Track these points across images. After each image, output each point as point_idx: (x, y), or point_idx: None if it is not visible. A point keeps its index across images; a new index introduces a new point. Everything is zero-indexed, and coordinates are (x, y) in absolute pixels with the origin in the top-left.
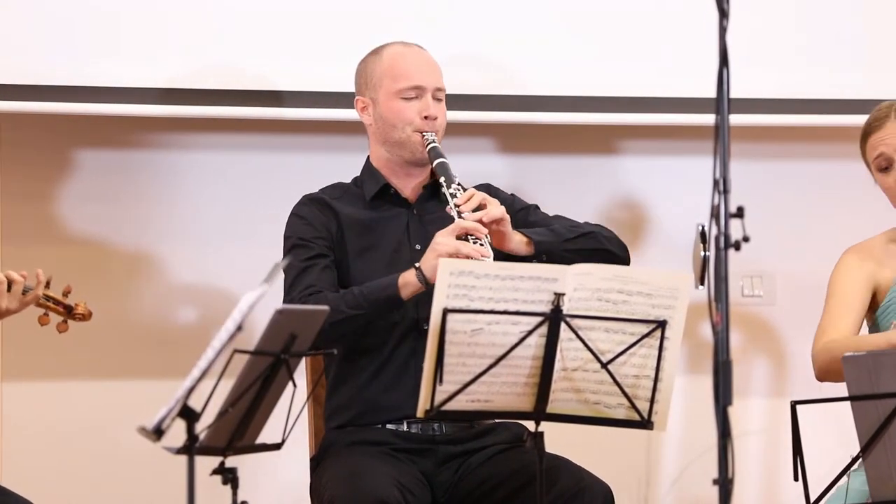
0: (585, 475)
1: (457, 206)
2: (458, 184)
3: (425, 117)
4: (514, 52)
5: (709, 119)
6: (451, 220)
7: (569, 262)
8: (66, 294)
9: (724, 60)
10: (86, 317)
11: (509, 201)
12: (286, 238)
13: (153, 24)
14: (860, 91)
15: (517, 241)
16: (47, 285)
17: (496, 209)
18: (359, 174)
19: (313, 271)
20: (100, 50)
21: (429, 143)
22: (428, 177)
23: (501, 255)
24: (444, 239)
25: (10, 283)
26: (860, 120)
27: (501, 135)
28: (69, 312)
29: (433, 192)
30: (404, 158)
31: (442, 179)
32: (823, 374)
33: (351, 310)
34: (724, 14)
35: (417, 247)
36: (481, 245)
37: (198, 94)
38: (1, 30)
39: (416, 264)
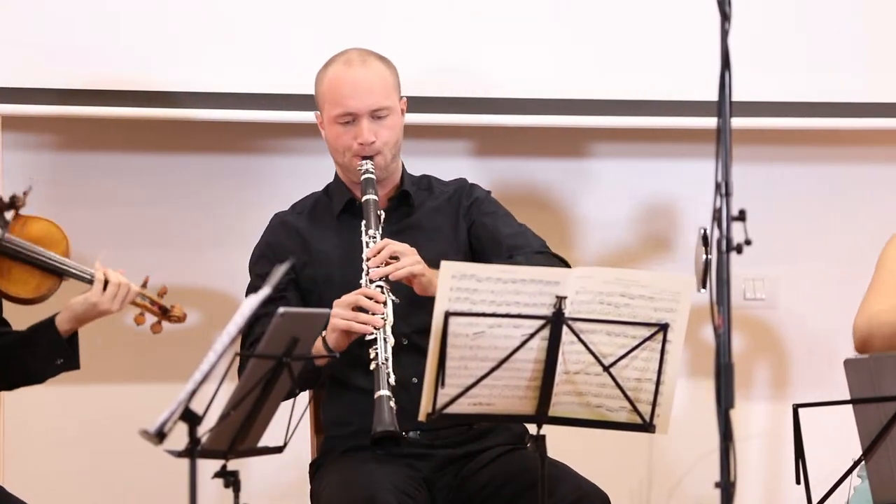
0: (583, 483)
1: (366, 258)
2: (380, 228)
3: (360, 143)
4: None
5: (711, 122)
6: (418, 232)
7: None
8: (161, 295)
9: (725, 63)
10: (181, 319)
11: (477, 204)
12: (250, 267)
13: (155, 27)
14: (862, 94)
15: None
16: (144, 285)
17: (403, 269)
18: (332, 180)
19: (264, 321)
20: (99, 52)
21: (363, 174)
22: (393, 189)
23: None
24: (340, 311)
25: (106, 283)
26: (862, 123)
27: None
28: (164, 314)
29: (401, 201)
30: (352, 180)
31: (363, 223)
32: (862, 345)
33: None
34: (725, 17)
35: None
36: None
37: (200, 97)
38: (15, 34)
39: (323, 333)
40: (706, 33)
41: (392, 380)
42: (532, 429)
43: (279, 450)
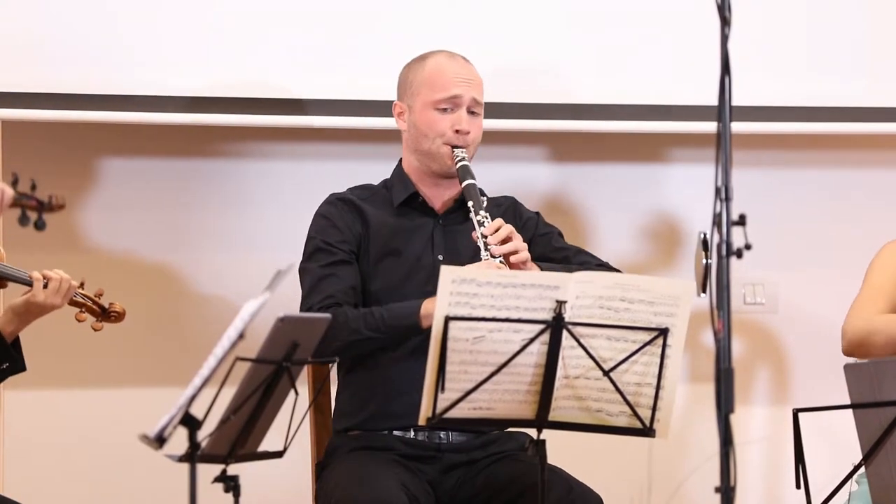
0: (575, 484)
1: (483, 235)
2: (486, 209)
3: (457, 131)
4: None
5: (710, 127)
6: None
7: None
8: (97, 296)
9: (725, 68)
10: (121, 316)
11: (533, 220)
12: (310, 238)
13: (175, 33)
14: (863, 99)
15: None
16: (81, 286)
17: (524, 252)
18: (388, 177)
19: (333, 281)
20: (120, 58)
21: (458, 161)
22: (458, 192)
23: None
24: None
25: (46, 281)
26: (863, 127)
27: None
28: (104, 312)
29: (461, 203)
30: (432, 170)
31: (470, 204)
32: (854, 348)
33: (370, 332)
34: (725, 22)
35: (440, 257)
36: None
37: (217, 102)
38: (26, 39)
39: None
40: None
41: None
42: (532, 433)
43: (279, 454)
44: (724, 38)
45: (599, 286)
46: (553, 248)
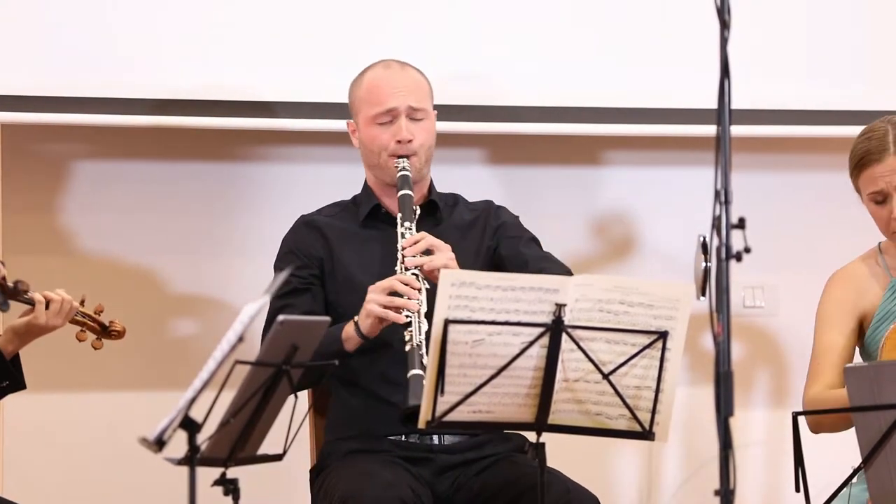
0: (572, 486)
1: (402, 248)
2: (414, 222)
3: (398, 141)
4: (504, 62)
5: (710, 130)
6: (442, 240)
7: None
8: (97, 313)
9: (725, 71)
10: (121, 334)
11: (508, 224)
12: (275, 265)
13: (155, 36)
14: (862, 102)
15: None
16: (81, 303)
17: (439, 259)
18: (359, 192)
19: (287, 313)
20: (114, 61)
21: (399, 171)
22: (422, 197)
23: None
24: (375, 296)
25: (48, 302)
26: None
27: (493, 146)
28: (104, 330)
29: (428, 211)
30: (386, 182)
31: (399, 216)
32: (817, 427)
33: None
34: (725, 25)
35: None
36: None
37: (198, 105)
38: (19, 43)
39: (355, 318)
40: (709, 41)
41: (425, 360)
42: (531, 436)
43: (279, 457)
44: (724, 42)
45: (599, 289)
46: (516, 252)
